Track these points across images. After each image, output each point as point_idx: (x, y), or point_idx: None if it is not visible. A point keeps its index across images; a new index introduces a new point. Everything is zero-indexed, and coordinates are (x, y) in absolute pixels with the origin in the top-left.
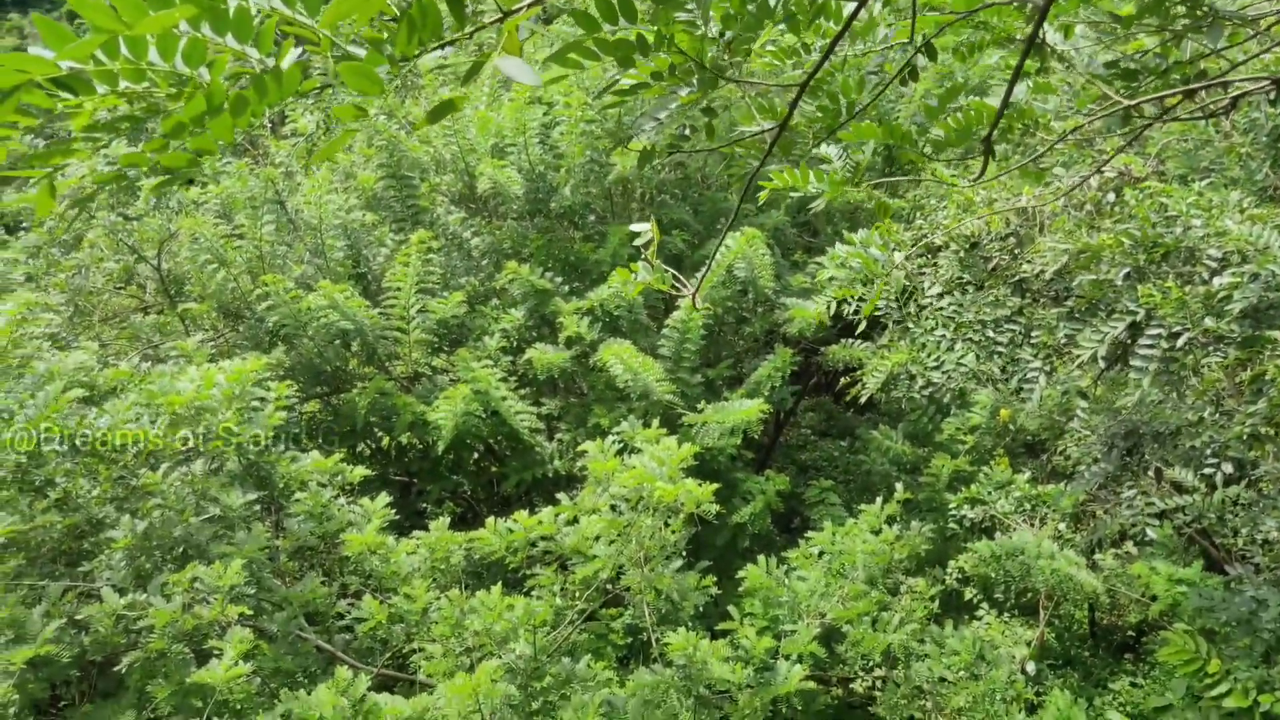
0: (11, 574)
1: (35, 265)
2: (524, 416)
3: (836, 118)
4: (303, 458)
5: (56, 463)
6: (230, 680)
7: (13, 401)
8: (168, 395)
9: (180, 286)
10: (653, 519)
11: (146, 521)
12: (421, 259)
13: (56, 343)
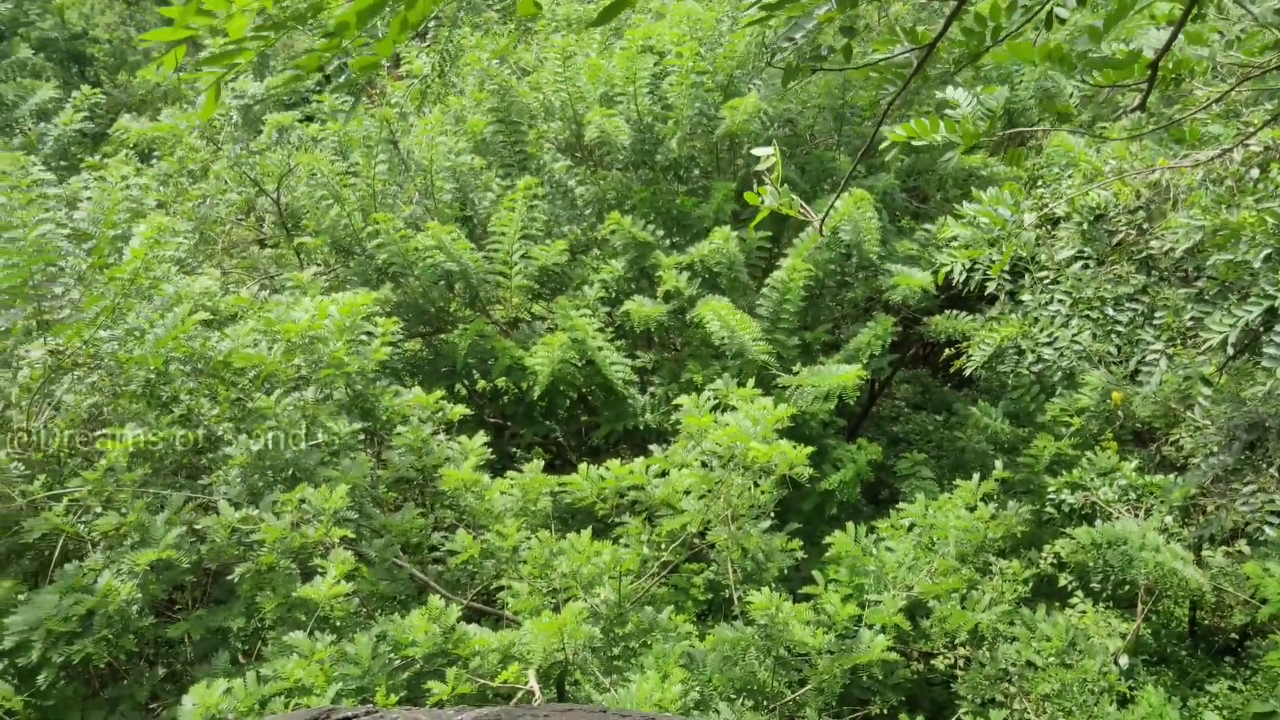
0: (139, 482)
1: (165, 193)
2: (618, 368)
3: (981, 43)
4: (405, 393)
5: (181, 381)
6: (331, 598)
7: (144, 321)
8: (284, 324)
9: (296, 221)
10: (743, 477)
11: (261, 442)
12: (527, 205)
13: (183, 268)
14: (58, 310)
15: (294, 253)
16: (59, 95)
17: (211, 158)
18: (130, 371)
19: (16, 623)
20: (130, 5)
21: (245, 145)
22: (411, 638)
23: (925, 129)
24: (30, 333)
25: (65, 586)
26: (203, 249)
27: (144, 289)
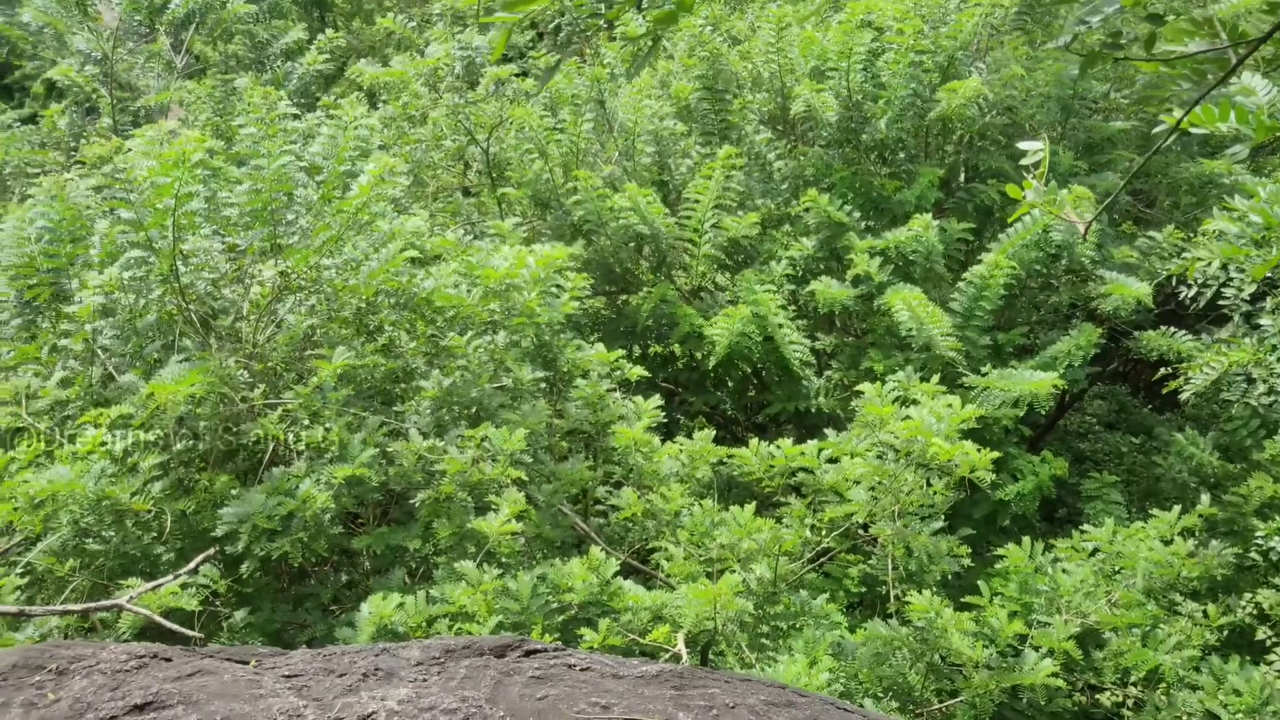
0: (342, 401)
1: (388, 135)
2: (797, 347)
3: None
4: (586, 348)
5: (386, 313)
6: (501, 534)
7: (360, 253)
8: (484, 269)
9: (501, 171)
10: (916, 474)
11: (451, 379)
12: (724, 175)
13: (397, 207)
14: (289, 236)
15: (496, 202)
16: (305, 38)
17: (431, 105)
18: (344, 299)
19: (228, 515)
20: None
21: (463, 96)
22: (570, 584)
23: (1212, 116)
24: (265, 254)
25: (271, 488)
26: (415, 190)
27: (363, 223)
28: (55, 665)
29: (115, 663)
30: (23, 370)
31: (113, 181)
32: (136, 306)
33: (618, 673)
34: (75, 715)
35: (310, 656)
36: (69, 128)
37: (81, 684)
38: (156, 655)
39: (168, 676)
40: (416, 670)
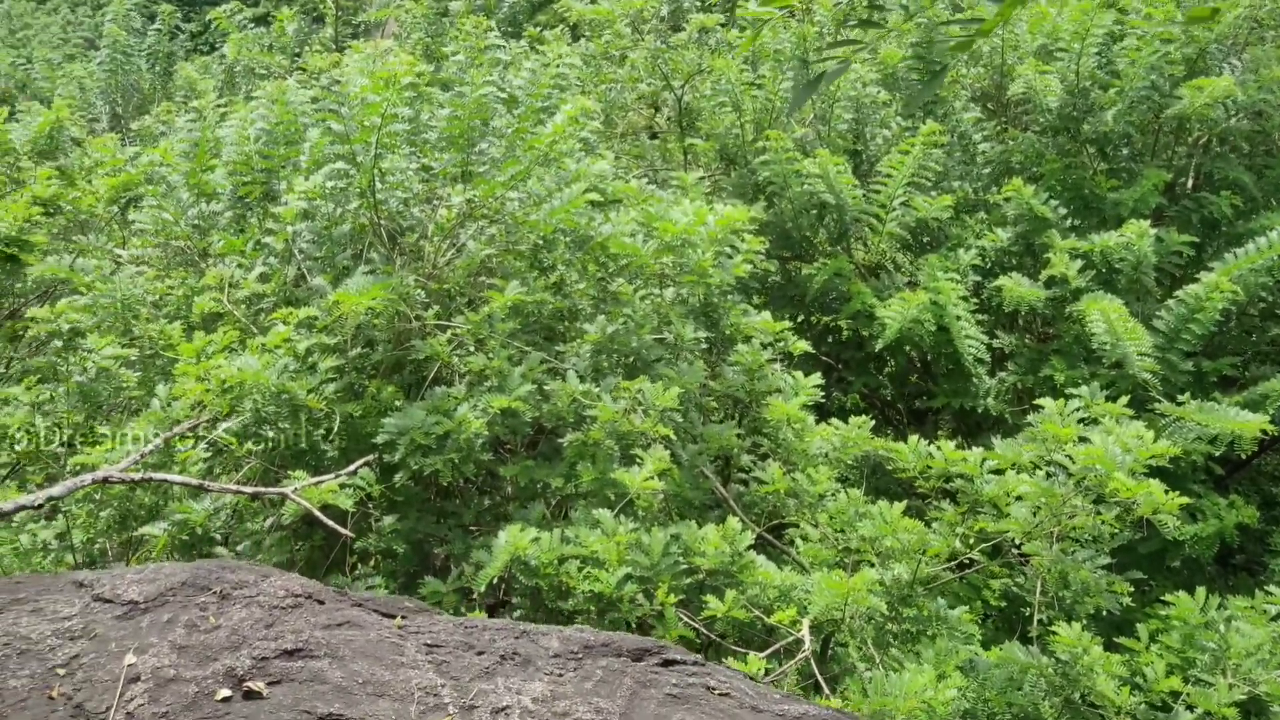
0: (507, 333)
1: (585, 72)
2: (973, 342)
3: None
4: (752, 313)
5: (561, 251)
6: (642, 488)
7: (544, 189)
8: (663, 222)
9: (692, 121)
10: (1085, 500)
11: (614, 326)
12: (924, 151)
13: (585, 146)
14: (480, 164)
15: (682, 151)
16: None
17: (632, 46)
18: (523, 233)
19: (390, 425)
20: None
21: (665, 40)
22: (702, 548)
23: None
24: (455, 179)
25: (432, 406)
26: (603, 129)
27: (551, 160)
28: (219, 589)
29: (273, 598)
30: (229, 260)
31: (328, 94)
32: (334, 215)
33: (757, 705)
34: (231, 647)
35: (452, 627)
36: (295, 34)
37: (240, 614)
38: (311, 596)
39: (319, 623)
40: (554, 663)
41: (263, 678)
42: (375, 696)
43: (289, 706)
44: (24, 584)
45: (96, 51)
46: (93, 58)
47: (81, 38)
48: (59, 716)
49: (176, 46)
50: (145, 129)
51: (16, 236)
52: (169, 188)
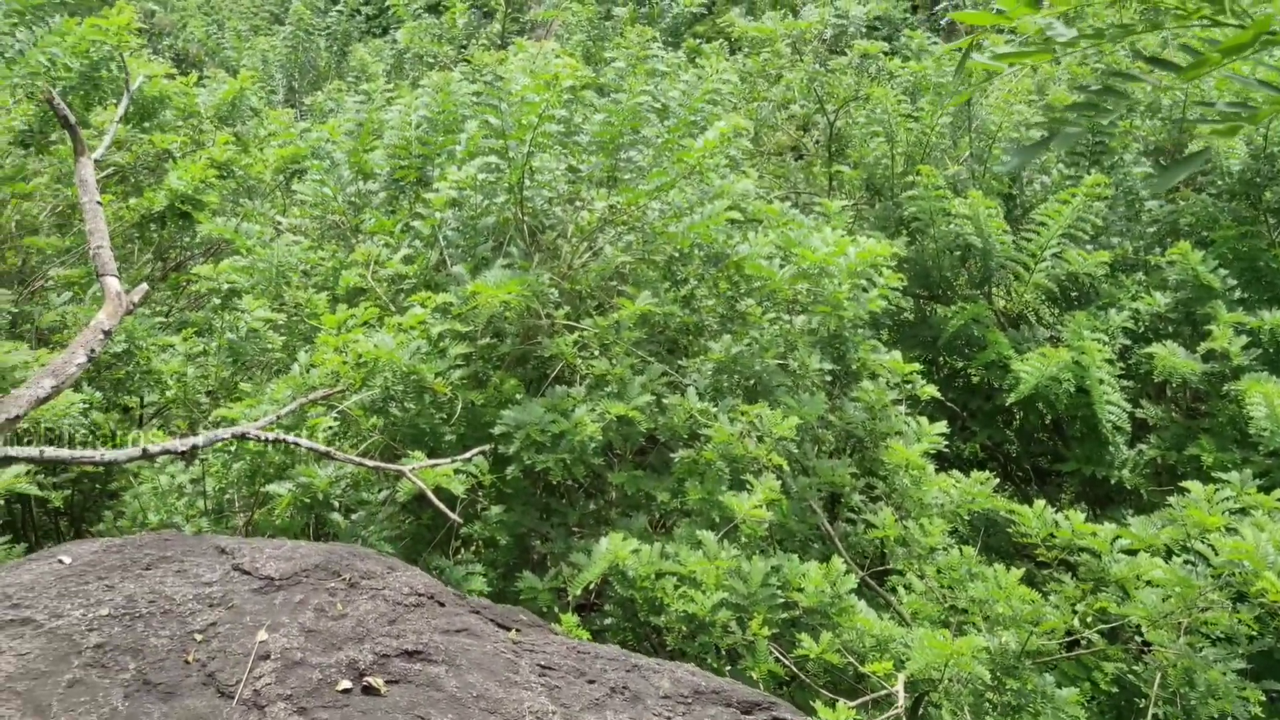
0: (633, 341)
1: (741, 88)
2: (1114, 409)
3: None
4: (881, 349)
5: (695, 266)
6: (748, 514)
7: (686, 202)
8: (802, 248)
9: (841, 147)
10: (1224, 595)
11: (739, 348)
12: (1085, 204)
13: (730, 162)
14: (626, 171)
15: (828, 177)
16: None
17: (789, 66)
18: (660, 244)
19: (508, 417)
20: None
21: (823, 63)
22: (802, 584)
23: None
24: (600, 183)
25: (551, 404)
26: (750, 147)
27: (696, 173)
28: (349, 576)
29: (398, 594)
30: (377, 239)
31: (490, 89)
32: (481, 206)
33: None
34: (355, 639)
35: (565, 650)
36: (464, 26)
37: (366, 606)
38: (433, 596)
39: (438, 626)
40: (663, 705)
41: (382, 675)
42: (487, 713)
43: (404, 709)
44: (172, 543)
45: (281, 27)
46: (277, 32)
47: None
48: (192, 682)
49: (353, 27)
50: (317, 105)
51: (192, 195)
52: (332, 164)
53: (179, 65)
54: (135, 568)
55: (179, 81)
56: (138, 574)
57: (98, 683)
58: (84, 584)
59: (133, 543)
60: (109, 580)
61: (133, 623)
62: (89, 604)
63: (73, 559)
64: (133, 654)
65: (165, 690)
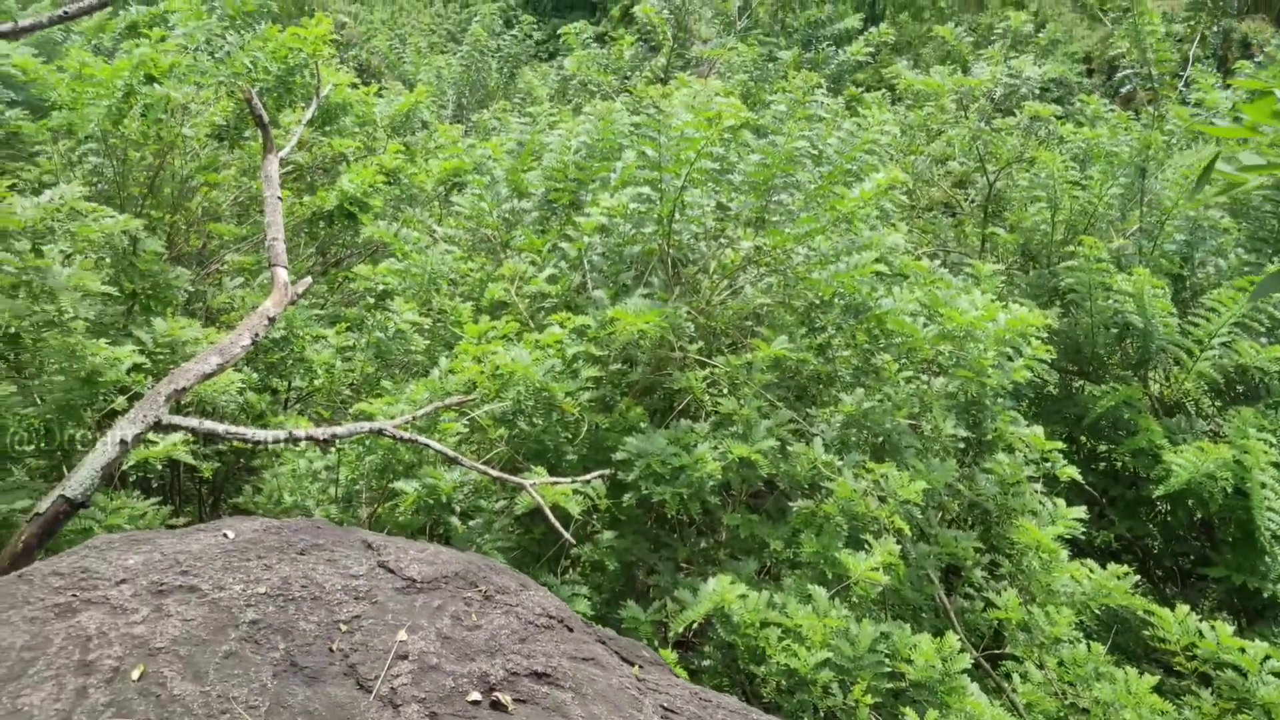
0: (762, 384)
1: (901, 141)
2: (1275, 517)
3: None
4: (1020, 421)
5: (835, 315)
6: (864, 575)
7: (831, 249)
8: (948, 309)
9: (999, 209)
10: None
11: (871, 403)
12: None
13: (881, 214)
14: (775, 213)
15: (980, 238)
16: (857, 27)
17: (953, 122)
18: (802, 289)
19: (631, 445)
20: None
21: (988, 121)
22: (911, 656)
23: None
24: (747, 223)
25: (674, 437)
26: (903, 200)
27: (845, 221)
28: (484, 589)
29: (530, 613)
30: (525, 256)
31: (650, 122)
32: (628, 234)
33: None
34: (488, 652)
35: (688, 695)
36: (630, 58)
37: (499, 621)
38: (563, 621)
39: (566, 651)
40: None
41: (510, 692)
42: None
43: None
44: (323, 531)
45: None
46: (453, 50)
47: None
48: (335, 670)
49: (523, 51)
50: (482, 122)
51: (359, 197)
52: (492, 180)
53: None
54: (291, 551)
55: (361, 91)
56: (293, 558)
57: (250, 658)
58: (245, 560)
59: (289, 526)
60: (267, 560)
61: (285, 605)
62: (248, 580)
63: (236, 534)
64: (283, 634)
65: (310, 675)
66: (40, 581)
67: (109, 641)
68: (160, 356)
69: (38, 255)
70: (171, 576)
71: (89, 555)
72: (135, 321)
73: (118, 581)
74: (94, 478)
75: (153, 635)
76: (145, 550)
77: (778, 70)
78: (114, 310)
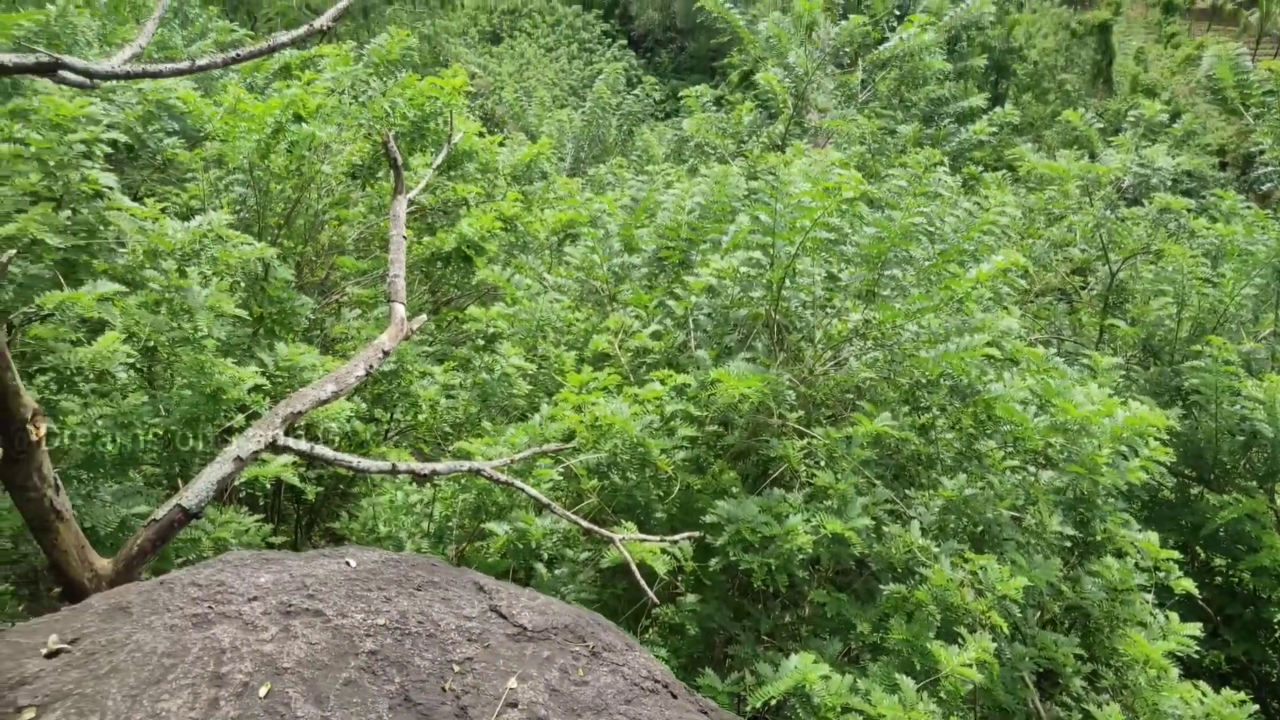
0: (860, 460)
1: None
2: None
3: None
4: (1132, 525)
5: (940, 396)
6: (955, 669)
7: (941, 328)
8: (1062, 400)
9: (1120, 299)
10: None
11: (972, 490)
12: None
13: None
14: (885, 286)
15: (1098, 329)
16: (982, 106)
17: (1076, 208)
18: (907, 367)
19: (721, 509)
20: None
21: (1114, 209)
22: None
23: None
24: (858, 296)
25: (766, 505)
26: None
27: (957, 300)
28: (592, 645)
29: (636, 674)
30: (631, 310)
31: (768, 188)
32: (735, 297)
33: None
34: (594, 710)
35: None
36: (748, 124)
37: (606, 679)
38: (667, 686)
39: (670, 719)
40: None
41: None
42: None
43: None
44: (438, 569)
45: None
46: (574, 105)
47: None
48: (446, 710)
49: (643, 110)
50: (598, 176)
51: (476, 241)
52: (605, 234)
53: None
54: (408, 585)
55: (487, 140)
56: (410, 592)
57: (368, 688)
58: (366, 590)
59: (407, 560)
60: (387, 592)
61: (402, 639)
62: (369, 611)
63: (358, 563)
64: (399, 668)
65: (423, 712)
66: (180, 590)
67: (240, 656)
68: (279, 379)
69: (182, 275)
70: (299, 599)
71: (225, 569)
72: (260, 344)
73: (250, 598)
74: (209, 490)
75: (280, 655)
76: (275, 570)
77: (896, 144)
78: (242, 332)
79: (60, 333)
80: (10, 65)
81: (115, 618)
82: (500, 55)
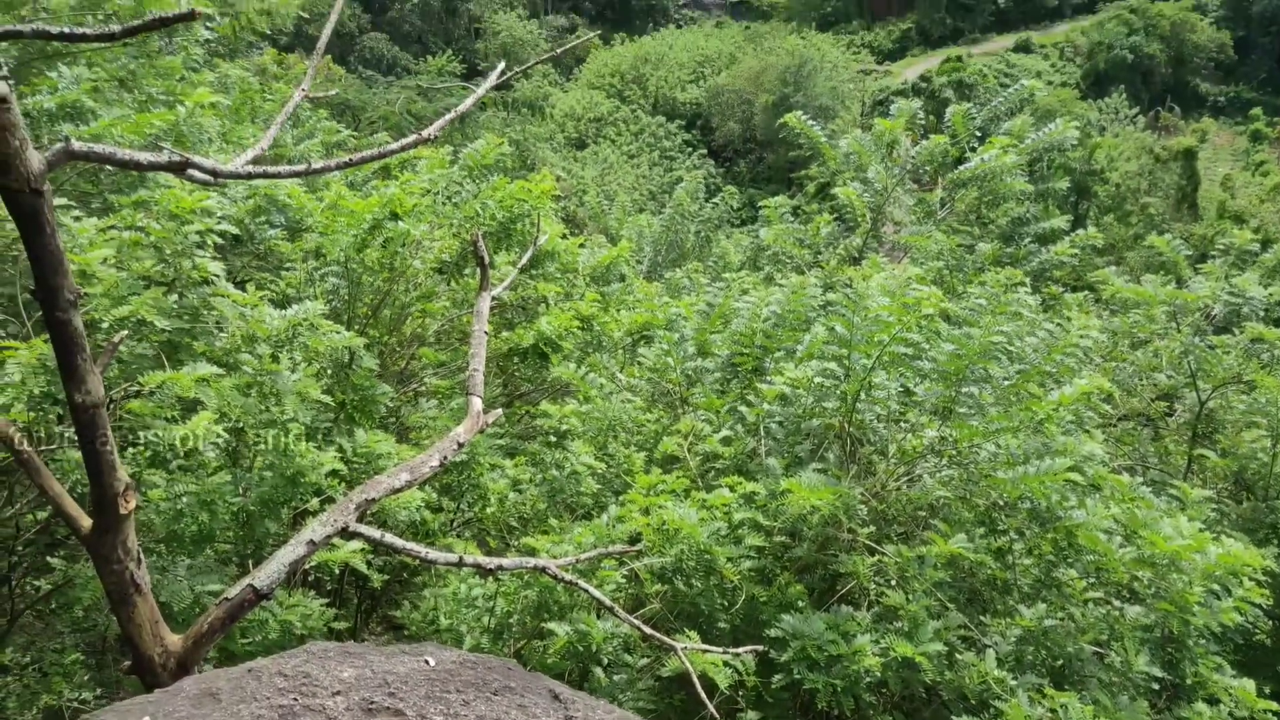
0: (933, 581)
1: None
2: None
3: None
4: (1225, 670)
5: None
6: None
7: (1021, 450)
8: (1150, 533)
9: (1210, 430)
10: None
11: (1052, 620)
12: None
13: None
14: (962, 404)
15: (1186, 459)
16: (1064, 228)
17: (1162, 333)
18: (984, 488)
19: (787, 623)
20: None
21: (1202, 336)
22: None
23: None
24: (935, 413)
25: (833, 622)
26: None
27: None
28: None
29: None
30: (702, 415)
31: (846, 300)
32: (809, 407)
33: None
34: None
35: None
36: (826, 236)
37: None
38: None
39: None
40: None
41: None
42: None
43: None
44: (514, 673)
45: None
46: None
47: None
48: None
49: (719, 216)
50: (675, 280)
51: (553, 339)
52: (680, 337)
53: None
54: (486, 690)
55: (569, 242)
56: (488, 697)
57: None
58: (445, 691)
59: (484, 663)
60: (465, 696)
61: None
62: (448, 714)
63: (436, 662)
64: None
65: None
66: (267, 680)
67: None
68: (356, 465)
69: (274, 360)
70: (380, 696)
71: (310, 661)
72: (340, 430)
73: (334, 692)
74: (281, 572)
75: None
76: (358, 665)
77: (974, 262)
78: (324, 417)
79: (158, 410)
80: (145, 163)
81: (205, 704)
82: (584, 160)
